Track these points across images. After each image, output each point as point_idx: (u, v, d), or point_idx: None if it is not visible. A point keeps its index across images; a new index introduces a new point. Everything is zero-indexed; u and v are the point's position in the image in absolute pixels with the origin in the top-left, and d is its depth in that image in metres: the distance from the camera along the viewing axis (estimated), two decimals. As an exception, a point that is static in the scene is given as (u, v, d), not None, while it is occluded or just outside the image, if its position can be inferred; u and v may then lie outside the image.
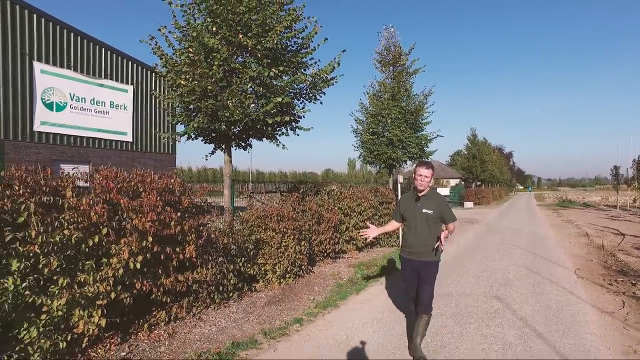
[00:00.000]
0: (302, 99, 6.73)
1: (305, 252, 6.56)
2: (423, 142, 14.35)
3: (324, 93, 6.81)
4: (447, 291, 6.00)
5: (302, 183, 10.85)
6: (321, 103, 7.06)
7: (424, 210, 3.67)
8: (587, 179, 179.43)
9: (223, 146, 6.81)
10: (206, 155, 7.11)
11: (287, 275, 6.21)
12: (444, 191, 28.09)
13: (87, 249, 3.61)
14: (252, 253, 5.69)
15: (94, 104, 13.13)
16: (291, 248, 6.21)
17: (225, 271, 5.02)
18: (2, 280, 3.02)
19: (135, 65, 14.47)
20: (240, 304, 5.17)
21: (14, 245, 3.13)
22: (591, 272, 7.45)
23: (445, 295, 5.77)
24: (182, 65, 5.80)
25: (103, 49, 13.43)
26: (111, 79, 13.65)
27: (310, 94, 6.71)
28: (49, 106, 11.99)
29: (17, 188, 3.38)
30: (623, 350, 3.90)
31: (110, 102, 13.62)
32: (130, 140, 14.30)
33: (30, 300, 3.15)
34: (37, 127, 11.66)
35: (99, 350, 3.62)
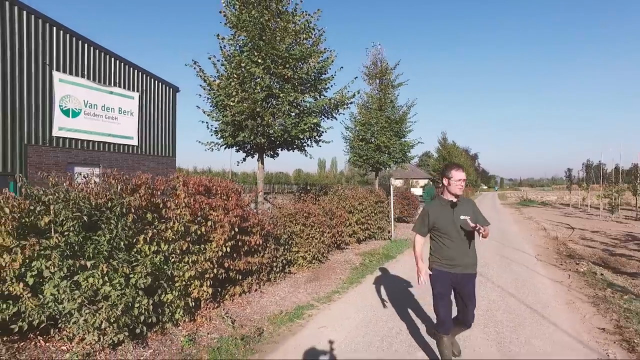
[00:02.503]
0: (323, 117, 8.17)
1: (326, 243, 8.01)
2: (406, 148, 16.09)
3: (342, 113, 8.31)
4: (440, 272, 7.60)
5: (312, 185, 12.27)
6: (336, 119, 8.53)
7: (462, 217, 3.36)
8: (545, 179, 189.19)
9: (257, 155, 8.15)
10: (238, 162, 8.42)
11: (314, 261, 7.63)
12: (417, 192, 30.11)
13: (195, 237, 4.90)
14: (290, 243, 7.07)
15: (104, 110, 14.02)
16: (316, 239, 7.64)
17: (277, 256, 6.39)
18: (147, 261, 4.27)
19: (140, 73, 15.42)
20: (286, 281, 6.56)
21: (163, 232, 4.39)
22: (548, 257, 9.29)
23: (440, 274, 7.37)
24: (231, 88, 7.10)
25: (113, 58, 14.34)
26: (120, 86, 14.56)
27: (331, 113, 8.17)
28: (66, 113, 12.83)
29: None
30: (566, 301, 5.62)
31: (119, 108, 14.54)
32: (136, 144, 15.24)
33: (169, 273, 4.43)
34: (55, 132, 12.50)
35: (204, 311, 4.93)
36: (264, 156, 8.27)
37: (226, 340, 4.19)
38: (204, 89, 7.76)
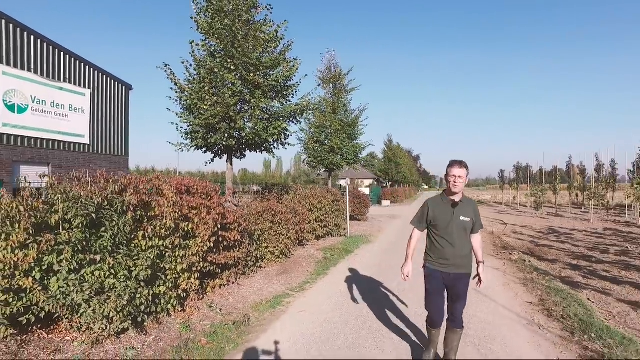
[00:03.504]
0: (290, 121, 8.73)
1: (292, 239, 8.58)
2: (358, 150, 17.03)
3: (304, 117, 8.89)
4: (395, 262, 8.47)
5: (274, 185, 12.73)
6: (300, 123, 9.13)
7: (461, 218, 3.35)
8: (480, 179, 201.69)
9: (225, 156, 8.52)
10: (206, 162, 8.75)
11: (281, 256, 8.18)
12: (364, 191, 31.45)
13: (183, 233, 5.28)
14: (260, 239, 7.57)
15: (54, 106, 13.49)
16: (283, 235, 8.19)
17: (251, 251, 6.87)
18: (147, 255, 4.62)
19: (92, 69, 14.96)
20: (259, 275, 7.06)
21: (151, 230, 4.74)
22: (486, 249, 10.57)
23: (394, 265, 8.22)
24: (204, 92, 7.43)
25: (62, 53, 13.82)
26: (70, 82, 14.05)
27: (297, 118, 8.74)
28: (11, 108, 12.23)
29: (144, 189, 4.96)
30: (503, 283, 6.70)
31: (70, 105, 14.04)
32: (87, 142, 14.78)
33: (162, 266, 4.79)
34: (-1, 128, 11.88)
35: (191, 302, 5.33)
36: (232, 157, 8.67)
37: (219, 326, 4.66)
38: (175, 92, 8.00)
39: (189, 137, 8.14)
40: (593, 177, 25.47)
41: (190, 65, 7.86)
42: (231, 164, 8.61)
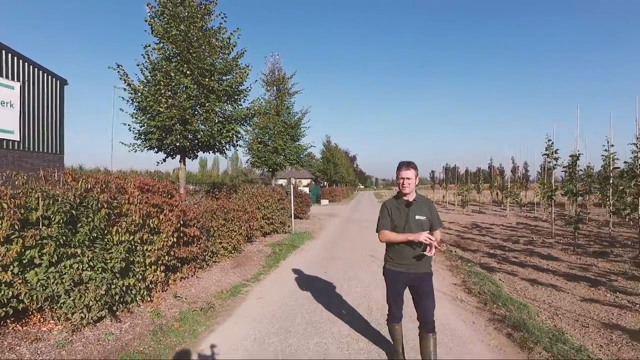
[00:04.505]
0: (241, 124, 9.21)
1: (243, 235, 9.10)
2: (300, 150, 17.79)
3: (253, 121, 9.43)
4: (338, 255, 9.36)
5: (222, 185, 13.02)
6: (250, 126, 9.63)
7: (417, 217, 3.39)
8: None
9: (179, 156, 8.80)
10: (157, 162, 8.97)
11: (233, 251, 8.66)
12: (305, 191, 32.32)
13: (149, 229, 5.64)
14: (214, 235, 8.01)
15: (-22, 100, 12.63)
16: (235, 231, 8.69)
17: (207, 246, 7.32)
18: (120, 248, 4.97)
19: (22, 62, 14.14)
20: (215, 268, 7.51)
21: (124, 225, 5.08)
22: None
23: (338, 258, 9.09)
24: (160, 95, 7.70)
25: (-13, 43, 12.96)
26: (-3, 74, 13.22)
27: (247, 121, 9.25)
28: None
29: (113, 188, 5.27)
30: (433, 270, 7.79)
31: (-4, 98, 13.20)
32: (17, 139, 13.97)
33: (131, 259, 5.15)
34: None
35: (156, 293, 5.71)
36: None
37: (187, 313, 5.13)
38: (129, 93, 8.15)
39: (142, 137, 8.32)
40: (510, 177, 28.64)
41: (146, 68, 8.06)
42: (184, 164, 8.92)
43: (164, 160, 9.05)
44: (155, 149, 8.74)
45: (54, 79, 15.32)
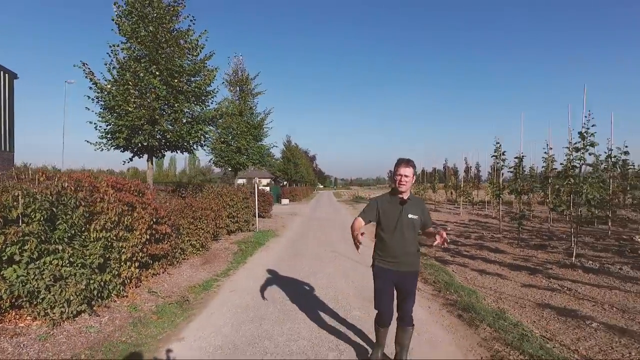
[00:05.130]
0: (209, 125, 9.40)
1: (210, 233, 9.30)
2: (263, 151, 18.03)
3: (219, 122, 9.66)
4: (302, 251, 9.79)
5: (188, 184, 13.04)
6: (217, 127, 9.84)
7: (409, 216, 3.37)
8: (371, 179, 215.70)
9: (146, 155, 8.86)
10: (124, 161, 8.99)
11: (201, 249, 8.86)
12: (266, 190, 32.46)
13: (123, 226, 5.80)
14: (183, 232, 8.18)
15: None
16: (203, 229, 8.89)
17: (178, 243, 7.50)
18: (97, 245, 5.11)
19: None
20: (185, 265, 7.71)
21: (102, 222, 5.23)
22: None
23: (303, 254, 9.52)
24: (129, 94, 7.77)
25: None
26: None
27: (214, 121, 9.46)
28: None
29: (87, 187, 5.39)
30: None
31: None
32: (-38, 135, 13.24)
33: (107, 256, 5.30)
34: None
35: (131, 289, 5.87)
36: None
37: (163, 306, 5.36)
38: (95, 92, 8.13)
39: (109, 136, 8.33)
40: (463, 177, 30.31)
41: (114, 67, 8.09)
42: (152, 163, 8.99)
43: (131, 159, 9.09)
44: (122, 148, 8.77)
45: (2, 73, 14.60)
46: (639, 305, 5.60)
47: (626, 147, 12.66)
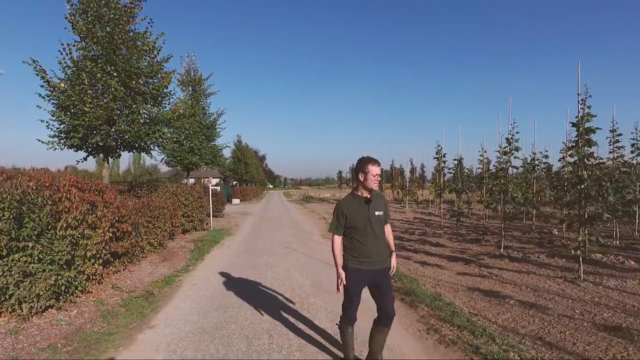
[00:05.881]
0: (166, 126, 9.55)
1: (167, 231, 9.48)
2: (215, 151, 18.15)
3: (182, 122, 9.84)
4: (258, 248, 10.24)
5: (143, 184, 12.93)
6: (174, 128, 9.99)
7: (377, 213, 3.40)
8: (320, 179, 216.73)
9: (101, 154, 8.85)
10: (78, 160, 8.95)
11: (159, 247, 9.03)
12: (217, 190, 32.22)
13: (87, 224, 5.96)
14: (141, 231, 8.34)
15: None
16: (160, 228, 9.06)
17: (138, 241, 7.68)
18: (63, 243, 5.28)
19: None
20: (145, 262, 7.89)
21: (69, 220, 5.39)
22: (327, 235, 13.16)
23: (258, 250, 9.97)
24: (85, 94, 7.79)
25: None
26: None
27: (170, 123, 9.63)
28: None
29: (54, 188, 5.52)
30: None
31: None
32: None
33: (73, 254, 5.47)
34: None
35: (93, 285, 6.05)
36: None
37: (129, 300, 5.63)
38: (47, 90, 8.04)
39: (63, 136, 8.27)
40: (409, 177, 31.93)
41: (68, 67, 8.06)
42: (108, 163, 9.01)
43: (85, 159, 9.05)
44: (75, 148, 8.72)
45: None
46: (547, 285, 6.68)
47: (546, 151, 14.33)
